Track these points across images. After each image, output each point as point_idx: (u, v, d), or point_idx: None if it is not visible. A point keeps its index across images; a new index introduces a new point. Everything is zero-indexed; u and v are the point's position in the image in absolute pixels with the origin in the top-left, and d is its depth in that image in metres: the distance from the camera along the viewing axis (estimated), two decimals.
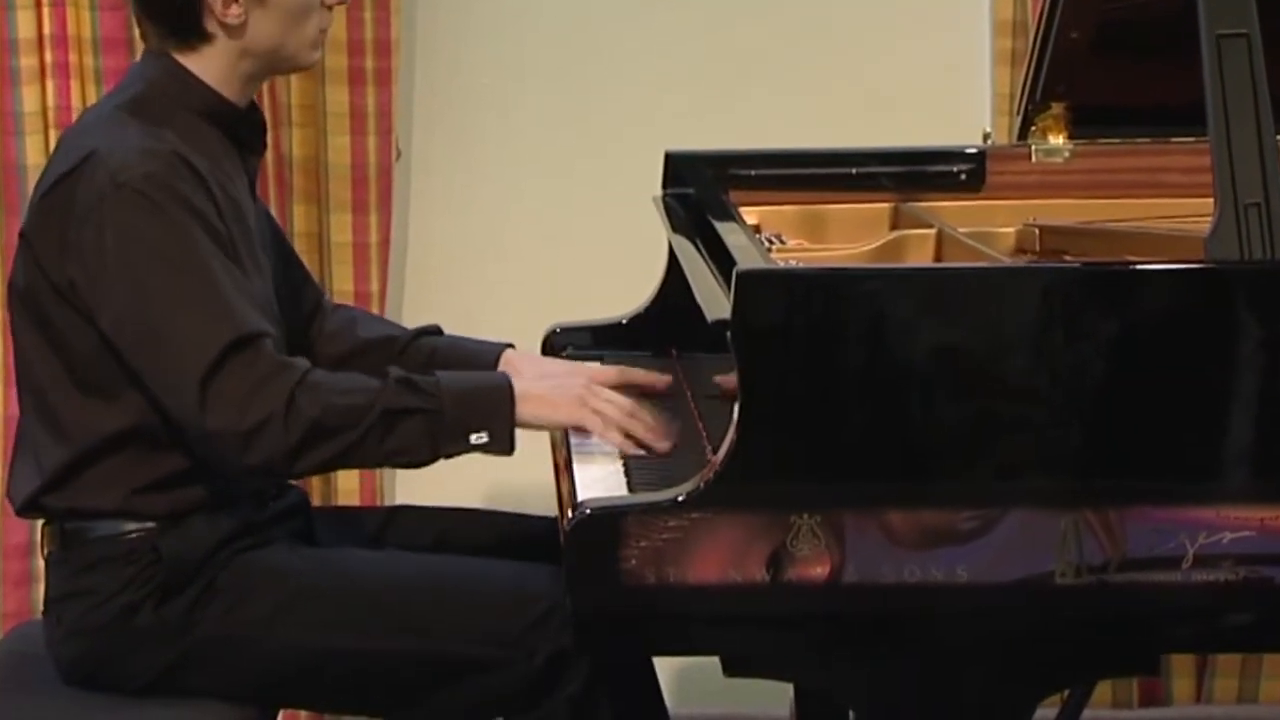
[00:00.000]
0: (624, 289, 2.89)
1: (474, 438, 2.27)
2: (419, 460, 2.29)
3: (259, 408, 2.20)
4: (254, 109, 2.45)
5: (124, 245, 2.23)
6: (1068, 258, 2.67)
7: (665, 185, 2.86)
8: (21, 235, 2.34)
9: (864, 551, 2.08)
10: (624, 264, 3.15)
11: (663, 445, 2.33)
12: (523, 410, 2.30)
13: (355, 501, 3.42)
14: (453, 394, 2.27)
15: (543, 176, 3.50)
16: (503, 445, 2.29)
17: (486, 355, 2.59)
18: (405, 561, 2.43)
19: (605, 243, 3.46)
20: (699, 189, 2.81)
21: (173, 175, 2.25)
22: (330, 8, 2.39)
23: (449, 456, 2.29)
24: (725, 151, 2.89)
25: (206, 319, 2.23)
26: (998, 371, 2.09)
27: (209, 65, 2.35)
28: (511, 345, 2.62)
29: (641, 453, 2.33)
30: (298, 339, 2.55)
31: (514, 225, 3.51)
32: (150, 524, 2.32)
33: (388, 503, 3.44)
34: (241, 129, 2.41)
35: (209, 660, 2.32)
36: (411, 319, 3.49)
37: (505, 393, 2.30)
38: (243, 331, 2.23)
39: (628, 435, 2.32)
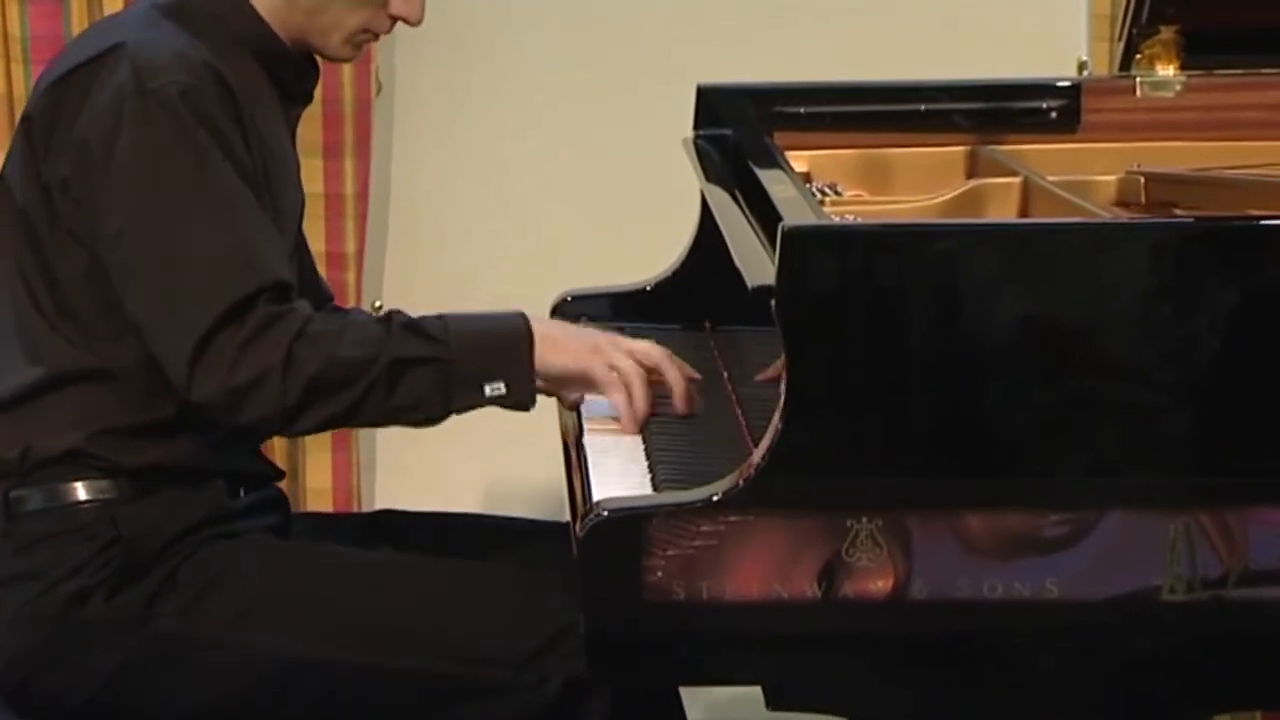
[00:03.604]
0: (648, 249, 2.89)
1: (489, 389, 2.32)
2: (429, 417, 2.33)
3: (253, 362, 2.25)
4: (307, 57, 2.50)
5: (137, 160, 2.29)
6: (1178, 211, 2.67)
7: (697, 125, 2.87)
8: (26, 118, 2.39)
9: (934, 562, 2.09)
10: (648, 219, 3.16)
11: (683, 407, 2.38)
12: (544, 355, 2.34)
13: (327, 505, 3.44)
14: (463, 338, 2.32)
15: (550, 115, 3.50)
16: (521, 397, 2.34)
17: None
18: (396, 562, 2.45)
19: (625, 194, 3.47)
20: (738, 130, 2.82)
21: (203, 90, 2.31)
22: (392, 19, 2.45)
23: (460, 412, 2.33)
24: (769, 85, 2.90)
25: (225, 263, 2.28)
26: (1095, 347, 2.09)
27: None
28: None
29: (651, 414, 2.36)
30: None
31: (516, 173, 3.52)
32: (107, 489, 2.35)
33: (367, 507, 3.45)
34: (285, 72, 2.47)
35: (163, 665, 2.34)
36: (395, 283, 3.51)
37: (523, 335, 2.35)
38: (264, 281, 2.28)
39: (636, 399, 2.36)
